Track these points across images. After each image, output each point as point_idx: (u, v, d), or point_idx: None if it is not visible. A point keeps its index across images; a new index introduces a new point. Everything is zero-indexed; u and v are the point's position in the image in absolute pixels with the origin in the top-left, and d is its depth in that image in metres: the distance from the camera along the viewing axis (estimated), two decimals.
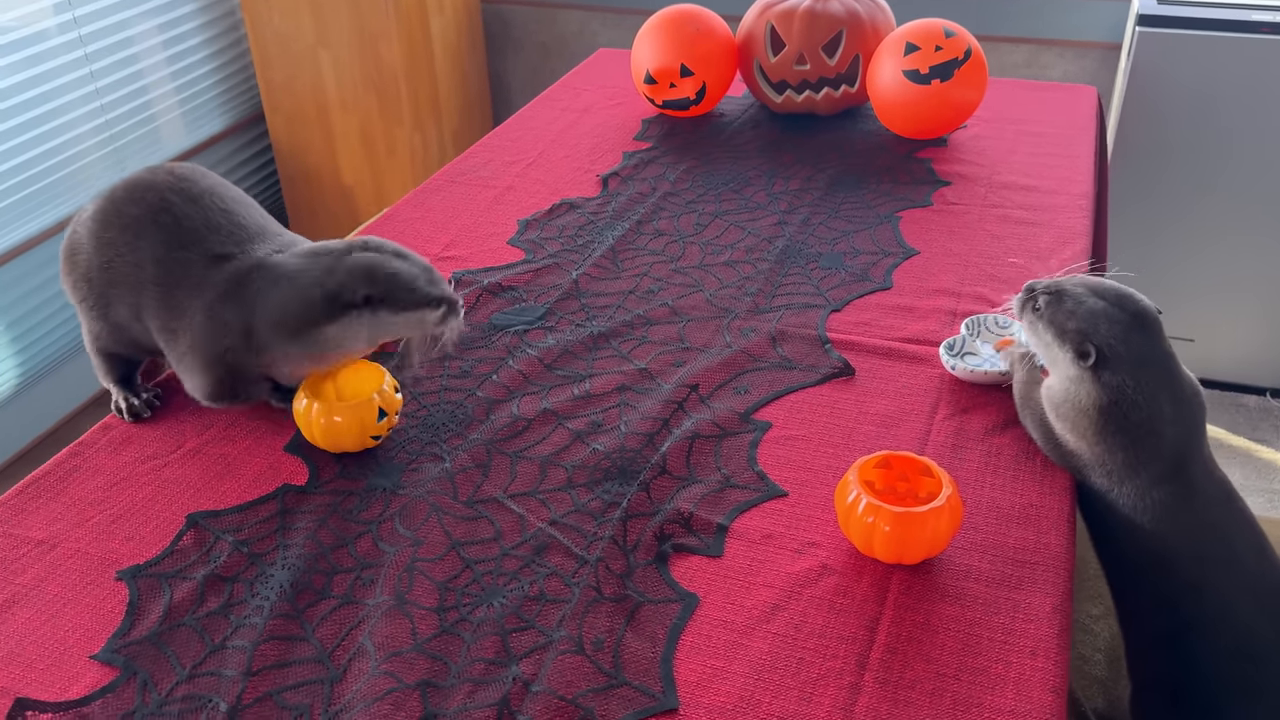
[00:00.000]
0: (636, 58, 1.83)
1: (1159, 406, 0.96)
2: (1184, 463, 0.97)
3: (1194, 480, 0.97)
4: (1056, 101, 1.88)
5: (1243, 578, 0.98)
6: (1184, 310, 2.46)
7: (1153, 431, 0.95)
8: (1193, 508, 0.96)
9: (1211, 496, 0.98)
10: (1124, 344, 0.96)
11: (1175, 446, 0.96)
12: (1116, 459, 0.97)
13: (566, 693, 0.81)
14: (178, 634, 0.88)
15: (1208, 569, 0.97)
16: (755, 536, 0.96)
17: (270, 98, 2.93)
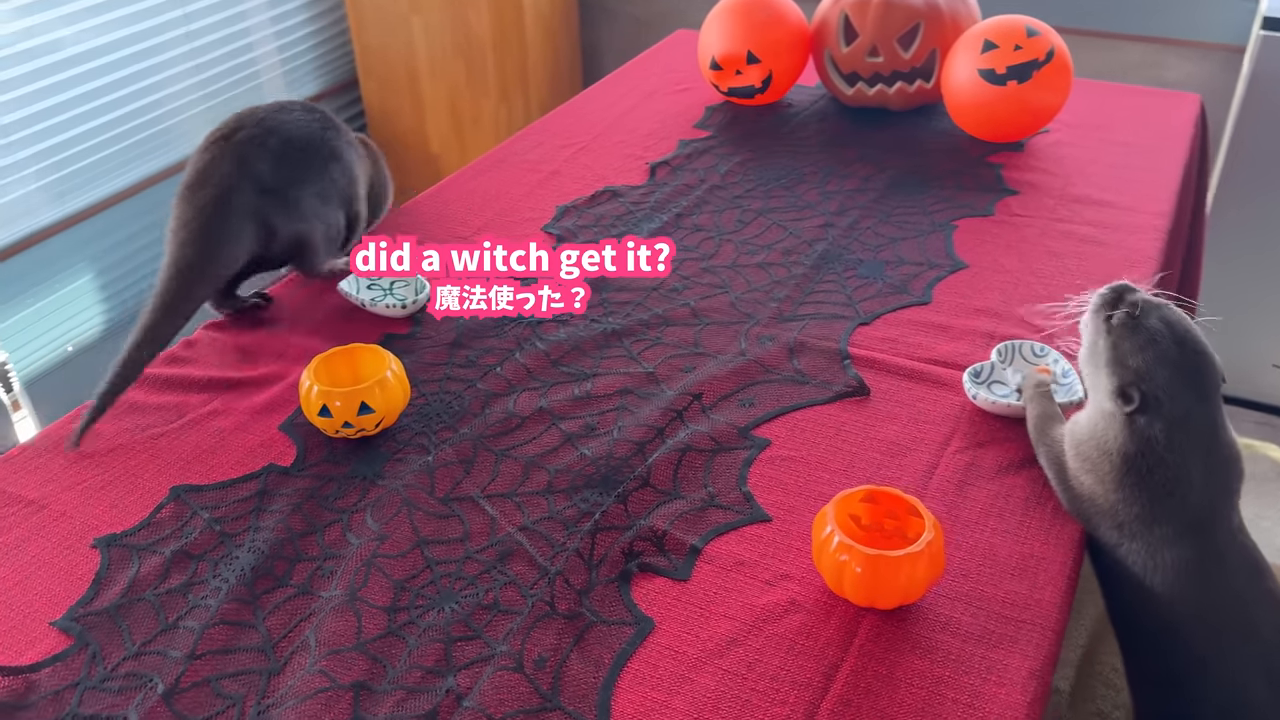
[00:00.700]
0: (704, 42, 1.77)
1: (1187, 469, 0.87)
2: (1204, 527, 0.88)
3: (1215, 547, 0.88)
4: (1153, 109, 1.75)
5: (1259, 659, 0.88)
6: None
7: (1174, 493, 0.87)
8: (1208, 576, 0.88)
9: (1233, 567, 0.89)
10: (1170, 398, 0.87)
11: (1197, 510, 0.87)
12: (1131, 511, 0.89)
13: (496, 711, 0.78)
14: (136, 608, 0.89)
15: (1220, 644, 0.89)
16: (728, 562, 0.91)
17: (365, 62, 2.96)
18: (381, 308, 1.25)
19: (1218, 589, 0.88)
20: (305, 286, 1.33)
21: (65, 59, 2.29)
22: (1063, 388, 1.08)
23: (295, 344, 1.22)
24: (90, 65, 2.35)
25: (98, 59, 2.36)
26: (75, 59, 2.31)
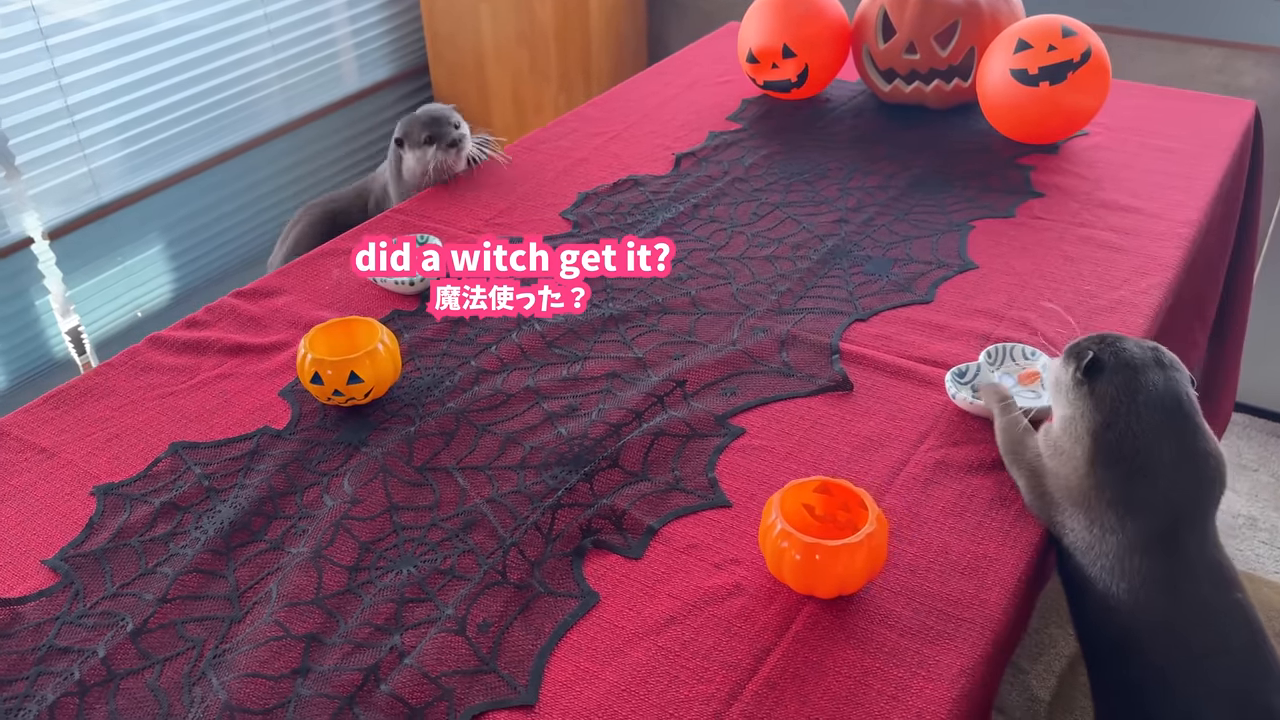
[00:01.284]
0: (743, 35, 1.78)
1: (1159, 448, 0.86)
2: (1177, 528, 0.87)
3: (1186, 554, 0.87)
4: (1203, 114, 1.69)
5: (1223, 673, 0.87)
6: None
7: (1146, 472, 0.86)
8: (1176, 583, 0.86)
9: (1201, 576, 0.87)
10: (1128, 359, 0.90)
11: (1170, 503, 0.86)
12: (1104, 498, 0.87)
13: (433, 670, 0.82)
14: (121, 552, 0.94)
15: (1183, 655, 0.87)
16: (680, 544, 0.93)
17: (435, 49, 3.03)
18: (391, 285, 1.29)
19: (1184, 598, 0.86)
20: (325, 261, 1.38)
21: (149, 36, 2.40)
22: (1047, 393, 1.07)
23: (308, 315, 1.27)
24: (173, 43, 2.46)
25: (180, 37, 2.47)
26: (159, 36, 2.43)
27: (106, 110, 2.36)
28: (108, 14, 2.31)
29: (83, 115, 2.31)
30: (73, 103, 2.28)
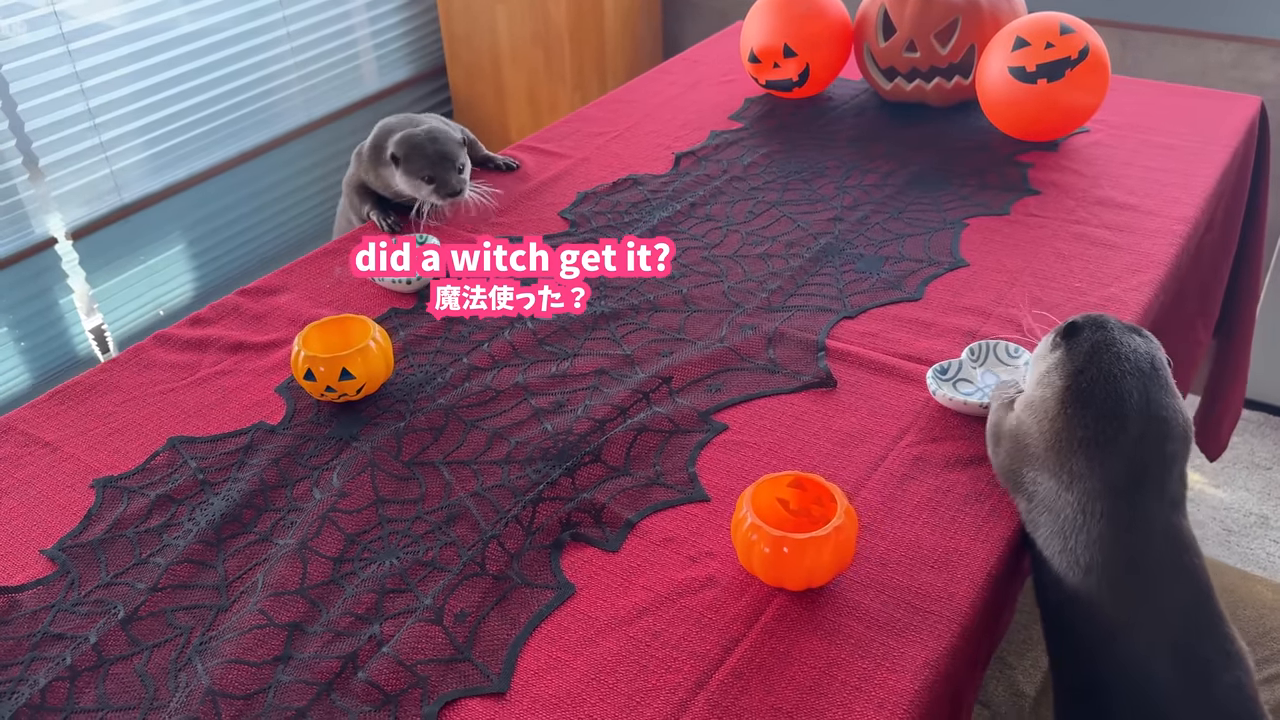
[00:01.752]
0: (745, 34, 1.79)
1: (1130, 395, 0.88)
2: (1142, 479, 0.87)
3: (1145, 509, 0.86)
4: (1207, 111, 1.69)
5: (1165, 633, 0.86)
6: None
7: (1116, 415, 0.87)
8: (1134, 540, 0.86)
9: (1158, 535, 0.87)
10: (1107, 324, 0.93)
11: (1137, 450, 0.86)
12: (1075, 438, 0.88)
13: (408, 658, 0.84)
14: (116, 543, 0.98)
15: (1131, 615, 0.87)
16: (657, 537, 0.95)
17: (452, 50, 3.06)
18: (389, 283, 1.32)
19: (1138, 553, 0.86)
20: (322, 261, 1.41)
21: (170, 40, 2.45)
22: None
23: (307, 313, 1.30)
24: (193, 46, 2.51)
25: (201, 40, 2.52)
26: (179, 40, 2.48)
27: (128, 113, 2.41)
28: (129, 18, 2.36)
29: (105, 118, 2.36)
30: (94, 105, 2.34)
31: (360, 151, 1.50)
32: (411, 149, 1.41)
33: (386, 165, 1.44)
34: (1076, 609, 0.89)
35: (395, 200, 1.50)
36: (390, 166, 1.43)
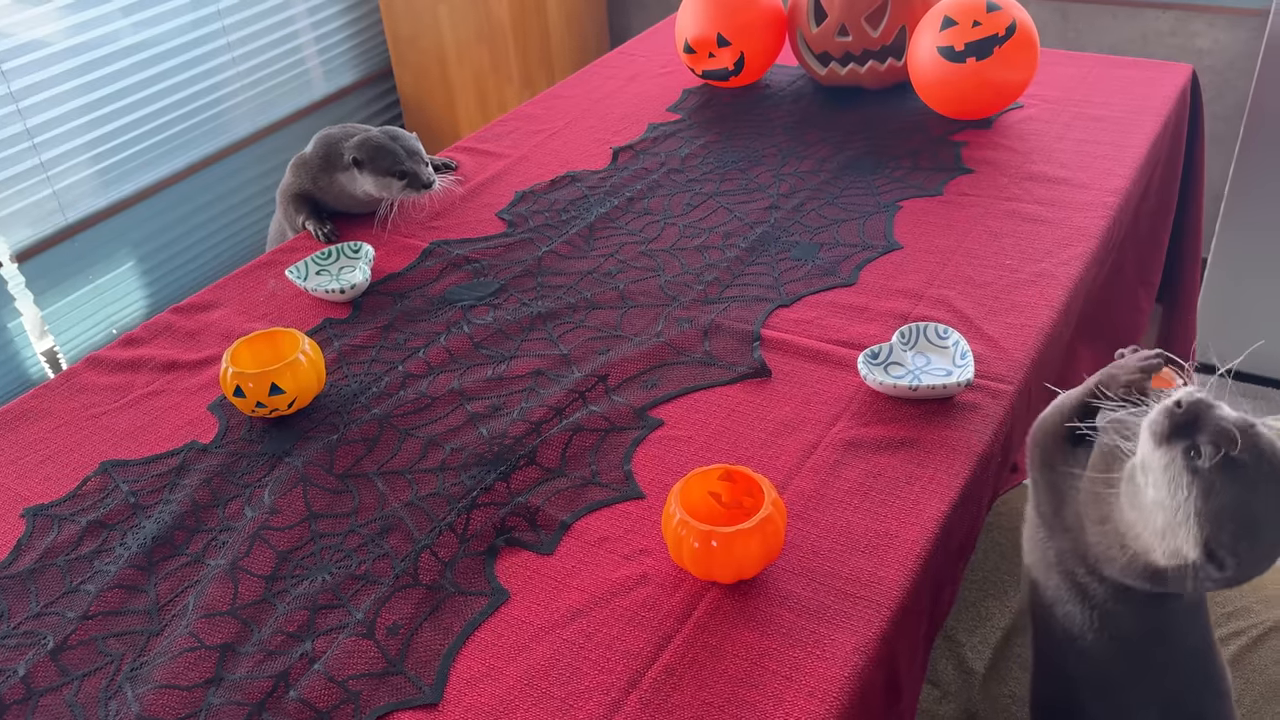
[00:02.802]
0: (679, 25, 1.78)
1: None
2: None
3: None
4: (1140, 81, 1.70)
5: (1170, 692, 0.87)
6: None
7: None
8: (1163, 615, 0.85)
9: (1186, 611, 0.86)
10: (1246, 561, 0.74)
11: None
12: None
13: (338, 674, 0.84)
14: (47, 572, 0.97)
15: (1140, 677, 0.88)
16: (592, 538, 0.95)
17: (397, 51, 3.04)
18: (323, 292, 1.31)
19: (1164, 628, 0.85)
20: (257, 275, 1.40)
21: (109, 54, 2.42)
22: (957, 369, 1.08)
23: (241, 328, 1.29)
24: (134, 59, 2.48)
25: (144, 52, 2.49)
26: (120, 54, 2.45)
27: (69, 130, 2.38)
28: (66, 34, 2.33)
29: (44, 137, 2.33)
30: (33, 125, 2.30)
31: (301, 161, 1.49)
32: (377, 149, 1.41)
33: (344, 170, 1.44)
34: (1080, 653, 0.88)
35: (338, 208, 1.49)
36: (349, 171, 1.43)
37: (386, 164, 1.41)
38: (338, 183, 1.46)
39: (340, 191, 1.47)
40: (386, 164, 1.41)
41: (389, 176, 1.41)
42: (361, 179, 1.43)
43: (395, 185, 1.42)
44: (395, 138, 1.43)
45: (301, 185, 1.49)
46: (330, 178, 1.46)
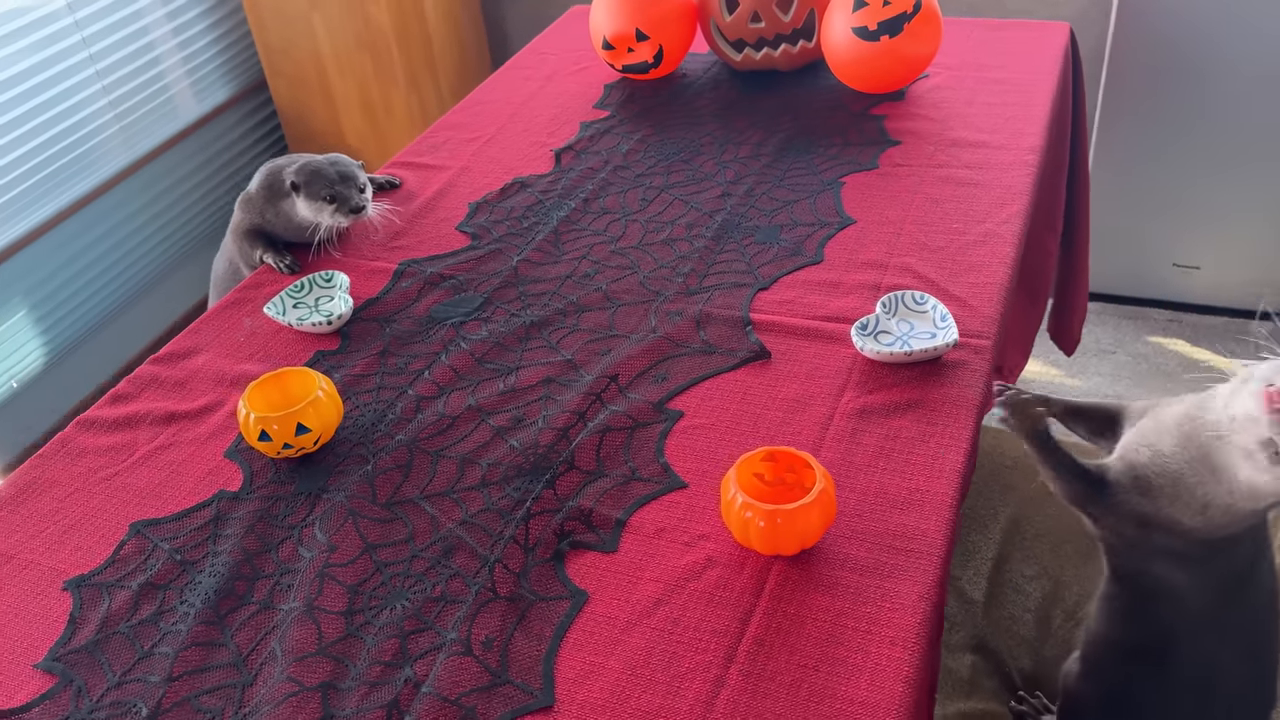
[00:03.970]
0: (594, 22, 1.83)
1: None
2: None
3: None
4: (1025, 42, 1.84)
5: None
6: (1189, 237, 2.41)
7: None
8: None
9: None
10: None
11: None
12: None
13: (450, 693, 0.87)
14: (112, 641, 0.96)
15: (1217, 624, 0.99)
16: (650, 530, 1.01)
17: (270, 63, 2.97)
18: (309, 325, 1.32)
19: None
20: (232, 313, 1.39)
21: None
22: (941, 331, 1.18)
23: (230, 371, 1.28)
24: None
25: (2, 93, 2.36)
26: None
27: None
28: None
29: None
30: None
31: (247, 197, 1.48)
32: (312, 174, 1.42)
33: (285, 197, 1.44)
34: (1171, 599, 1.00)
35: (291, 239, 1.48)
36: (290, 197, 1.44)
37: (318, 188, 1.42)
38: (283, 212, 1.46)
39: (287, 221, 1.47)
40: (318, 188, 1.42)
41: (320, 200, 1.42)
42: (299, 204, 1.44)
43: (326, 210, 1.43)
44: (334, 163, 1.44)
45: (252, 220, 1.48)
46: (276, 208, 1.46)
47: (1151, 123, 2.29)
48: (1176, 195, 2.36)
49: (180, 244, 2.90)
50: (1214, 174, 2.31)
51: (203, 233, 2.98)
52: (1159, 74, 2.22)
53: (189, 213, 2.91)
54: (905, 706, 0.83)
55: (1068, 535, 1.29)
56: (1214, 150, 2.28)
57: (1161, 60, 2.21)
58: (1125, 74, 2.25)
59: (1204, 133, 2.26)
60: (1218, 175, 2.31)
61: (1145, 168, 2.35)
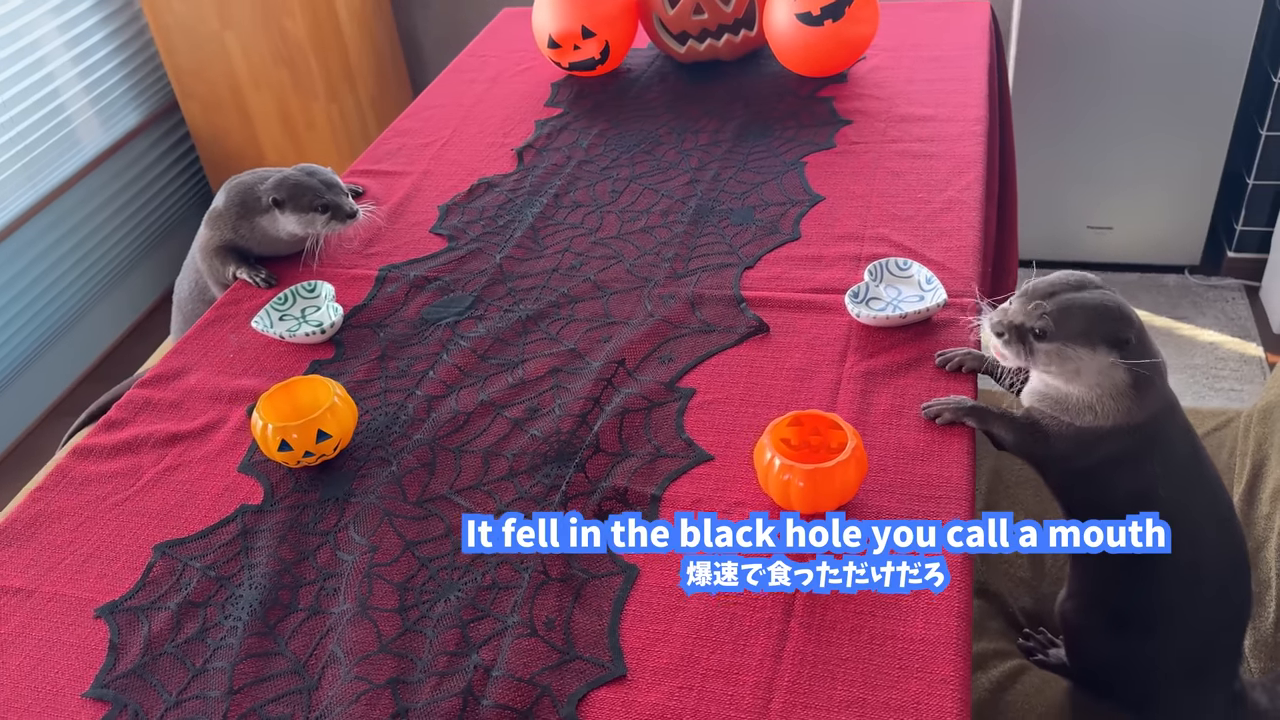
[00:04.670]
0: (538, 22, 1.85)
1: (1158, 367, 1.01)
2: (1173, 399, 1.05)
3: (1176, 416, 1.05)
4: (950, 22, 1.93)
5: (1208, 509, 1.06)
6: (1101, 201, 2.55)
7: (1159, 381, 1.02)
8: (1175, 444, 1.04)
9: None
10: (1133, 325, 1.00)
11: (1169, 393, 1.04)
12: (1139, 417, 1.01)
13: (524, 673, 0.89)
14: (160, 663, 0.95)
15: (1181, 503, 1.05)
16: (685, 503, 1.04)
17: (181, 86, 2.89)
18: (301, 336, 1.31)
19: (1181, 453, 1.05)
20: (215, 331, 1.37)
21: None
22: (928, 293, 1.24)
23: (226, 387, 1.27)
24: None
25: None
26: None
27: None
28: None
29: None
30: None
31: (216, 214, 1.45)
32: (295, 186, 1.41)
33: (264, 214, 1.42)
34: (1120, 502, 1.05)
35: (263, 253, 1.47)
36: (270, 214, 1.42)
37: (307, 200, 1.41)
38: (259, 227, 1.44)
39: (263, 236, 1.45)
40: (307, 200, 1.41)
41: (311, 212, 1.41)
42: (284, 219, 1.42)
43: (319, 220, 1.42)
44: (311, 173, 1.43)
45: (223, 237, 1.46)
46: (251, 224, 1.44)
47: (1061, 96, 2.41)
48: (1088, 162, 2.50)
49: (101, 276, 2.80)
50: (1122, 142, 2.45)
51: (124, 262, 2.89)
52: (1067, 49, 2.35)
53: (106, 243, 2.82)
54: (961, 640, 0.88)
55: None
56: (1120, 119, 2.42)
57: (1068, 35, 2.33)
58: (1035, 49, 2.37)
59: (1111, 103, 2.40)
60: (1125, 143, 2.45)
61: (1058, 138, 2.48)
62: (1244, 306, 2.49)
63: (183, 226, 3.11)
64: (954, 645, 0.87)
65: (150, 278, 3.00)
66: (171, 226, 3.07)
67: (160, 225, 3.02)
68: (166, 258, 3.05)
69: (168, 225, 3.05)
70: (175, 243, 3.08)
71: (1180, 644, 1.10)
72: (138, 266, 2.95)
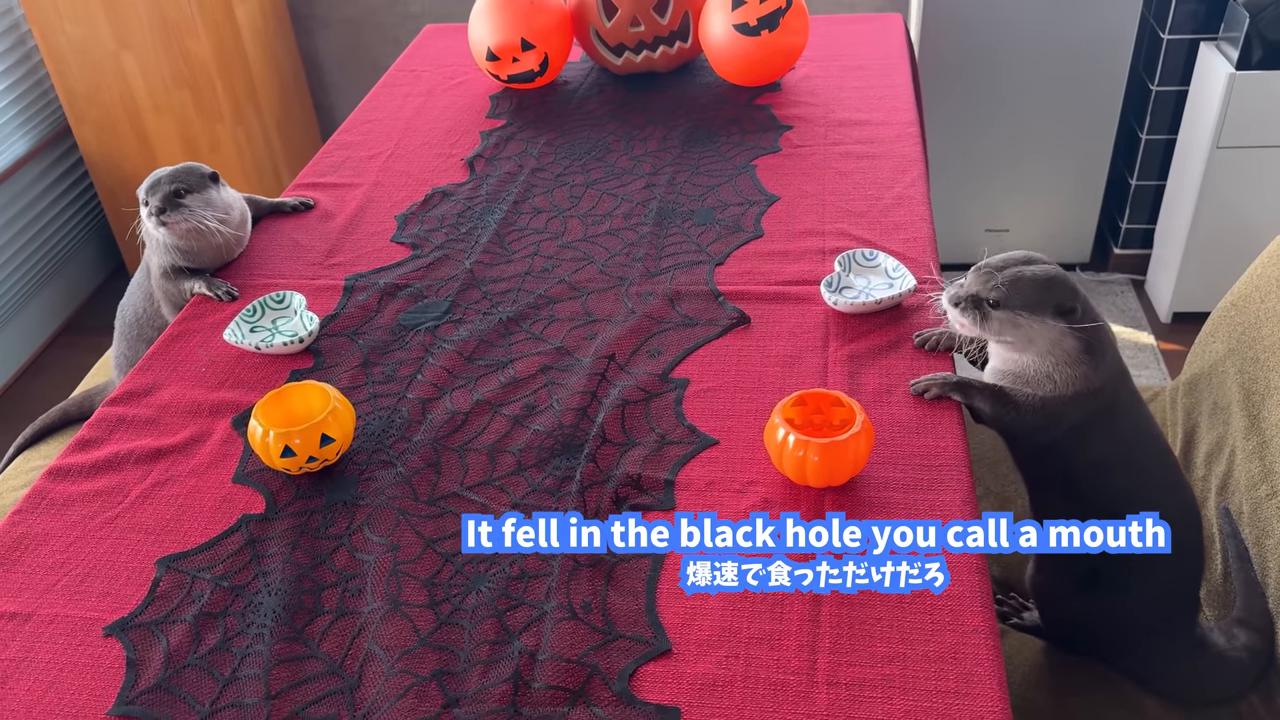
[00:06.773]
0: (475, 35, 1.86)
1: (1106, 329, 1.09)
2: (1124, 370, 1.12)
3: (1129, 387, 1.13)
4: (869, 34, 2.03)
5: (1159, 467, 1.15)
6: (998, 204, 2.70)
7: (1107, 351, 1.09)
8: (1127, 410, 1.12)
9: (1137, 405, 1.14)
10: (1078, 296, 1.06)
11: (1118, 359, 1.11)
12: (1092, 384, 1.07)
13: (570, 654, 0.90)
14: (185, 676, 0.92)
15: (1140, 464, 1.13)
16: (699, 485, 1.07)
17: (74, 109, 2.78)
18: (279, 346, 1.28)
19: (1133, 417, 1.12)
20: (180, 346, 1.33)
21: None
22: (896, 280, 1.30)
23: (204, 400, 1.23)
24: None
25: None
26: None
27: None
28: None
29: None
30: None
31: (149, 236, 1.43)
32: (146, 189, 1.39)
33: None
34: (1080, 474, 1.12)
35: (206, 265, 1.44)
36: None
37: (142, 197, 1.40)
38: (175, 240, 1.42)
39: (187, 247, 1.42)
40: (142, 197, 1.40)
41: (144, 207, 1.40)
42: (150, 223, 1.41)
43: (152, 222, 1.40)
44: (164, 170, 1.41)
45: (172, 259, 1.43)
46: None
47: (959, 108, 2.56)
48: (985, 169, 2.65)
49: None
50: (1015, 150, 2.61)
51: (18, 296, 2.74)
52: (963, 65, 2.49)
53: (7, 268, 2.67)
54: (985, 593, 0.93)
55: (1001, 457, 1.45)
56: (1014, 130, 2.58)
57: (964, 53, 2.48)
58: (934, 65, 2.51)
59: (1005, 115, 2.56)
60: (1019, 151, 2.61)
61: (957, 147, 2.62)
62: (1133, 299, 2.68)
63: (78, 256, 2.98)
64: (979, 598, 0.92)
65: (45, 311, 2.86)
66: (66, 256, 2.93)
67: (54, 256, 2.89)
68: (63, 289, 2.91)
69: (62, 256, 2.92)
70: (71, 273, 2.95)
71: (1146, 597, 1.18)
72: (32, 299, 2.81)
